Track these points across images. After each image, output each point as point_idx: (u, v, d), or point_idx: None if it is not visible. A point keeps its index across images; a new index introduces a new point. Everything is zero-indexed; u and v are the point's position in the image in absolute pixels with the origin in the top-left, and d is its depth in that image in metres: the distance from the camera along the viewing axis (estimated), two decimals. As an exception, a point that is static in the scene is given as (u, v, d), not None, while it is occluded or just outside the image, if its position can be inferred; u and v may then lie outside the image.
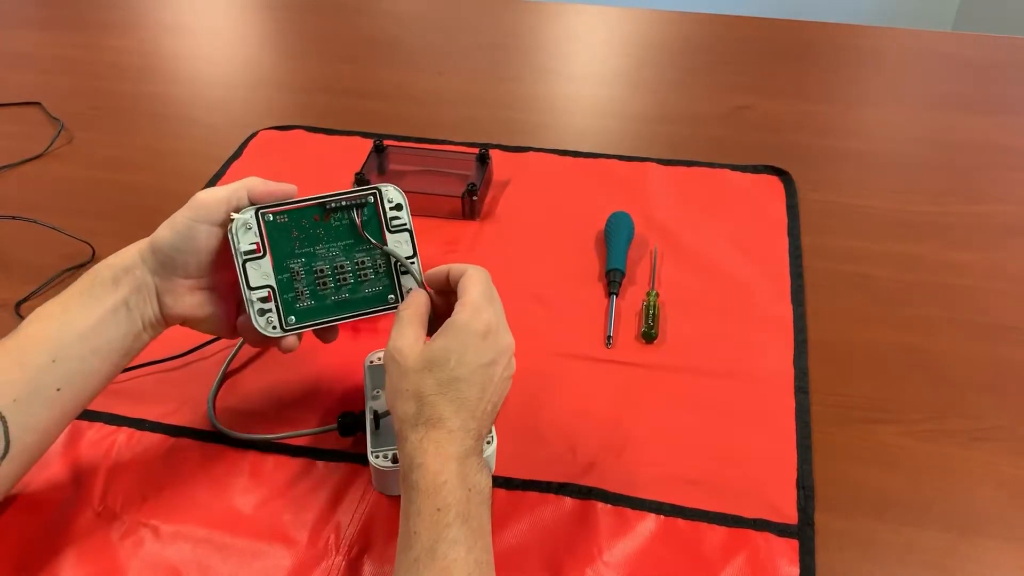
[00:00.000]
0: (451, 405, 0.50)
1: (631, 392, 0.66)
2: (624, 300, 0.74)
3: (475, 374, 0.50)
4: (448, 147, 0.92)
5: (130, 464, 0.62)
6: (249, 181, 0.56)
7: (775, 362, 0.68)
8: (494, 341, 0.51)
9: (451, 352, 0.50)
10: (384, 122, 0.97)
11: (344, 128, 0.96)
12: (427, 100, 1.03)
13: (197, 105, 1.03)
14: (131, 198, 0.87)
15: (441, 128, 0.96)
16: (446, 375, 0.50)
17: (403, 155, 0.89)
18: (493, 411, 0.52)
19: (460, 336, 0.50)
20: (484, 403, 0.51)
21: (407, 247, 0.58)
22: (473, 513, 0.47)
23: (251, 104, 1.03)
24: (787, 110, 0.99)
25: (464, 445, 0.49)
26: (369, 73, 1.08)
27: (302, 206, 0.56)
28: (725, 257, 0.78)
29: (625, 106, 1.01)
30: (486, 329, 0.51)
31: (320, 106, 1.02)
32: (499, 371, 0.52)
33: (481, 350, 0.51)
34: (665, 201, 0.85)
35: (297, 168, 0.89)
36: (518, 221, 0.83)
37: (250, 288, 0.55)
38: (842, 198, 0.85)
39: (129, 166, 0.93)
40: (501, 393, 0.53)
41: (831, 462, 0.61)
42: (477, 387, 0.50)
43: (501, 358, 0.52)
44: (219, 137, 0.96)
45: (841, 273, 0.77)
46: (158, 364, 0.69)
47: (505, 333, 0.53)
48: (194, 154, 0.93)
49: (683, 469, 0.61)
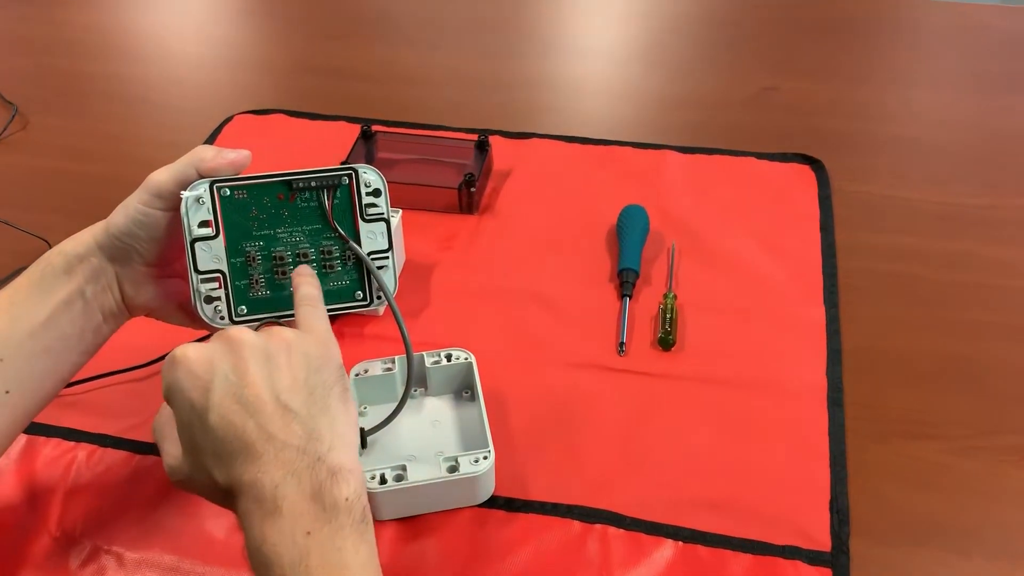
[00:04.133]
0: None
1: (646, 404, 0.66)
2: (638, 303, 0.74)
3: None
4: (443, 133, 0.92)
5: (91, 484, 0.62)
6: (198, 152, 0.55)
7: (806, 372, 0.68)
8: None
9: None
10: (372, 105, 0.97)
11: (328, 112, 0.96)
12: (420, 81, 1.03)
13: (165, 87, 1.03)
14: (91, 190, 0.87)
15: (435, 112, 0.96)
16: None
17: (393, 142, 0.89)
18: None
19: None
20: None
21: (381, 240, 0.57)
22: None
23: (225, 86, 1.03)
24: (819, 91, 0.99)
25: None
26: (355, 51, 1.08)
27: (265, 182, 0.55)
28: (750, 255, 0.78)
29: (640, 87, 1.01)
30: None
31: (301, 88, 1.02)
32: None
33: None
34: (684, 193, 0.85)
35: (276, 156, 0.88)
36: (521, 215, 0.83)
37: (197, 272, 0.55)
38: (880, 189, 0.85)
39: (89, 155, 0.93)
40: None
41: (868, 483, 0.61)
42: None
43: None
44: (190, 123, 0.96)
45: (879, 273, 0.77)
46: (122, 374, 0.69)
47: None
48: (162, 142, 0.93)
49: (704, 490, 0.61)
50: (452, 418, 0.65)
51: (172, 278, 0.58)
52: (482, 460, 0.58)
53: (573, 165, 0.89)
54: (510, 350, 0.71)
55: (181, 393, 0.46)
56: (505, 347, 0.71)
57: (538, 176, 0.87)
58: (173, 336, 0.66)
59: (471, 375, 0.65)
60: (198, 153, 0.55)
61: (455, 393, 0.66)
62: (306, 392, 0.46)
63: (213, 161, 0.54)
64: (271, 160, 0.60)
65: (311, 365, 0.47)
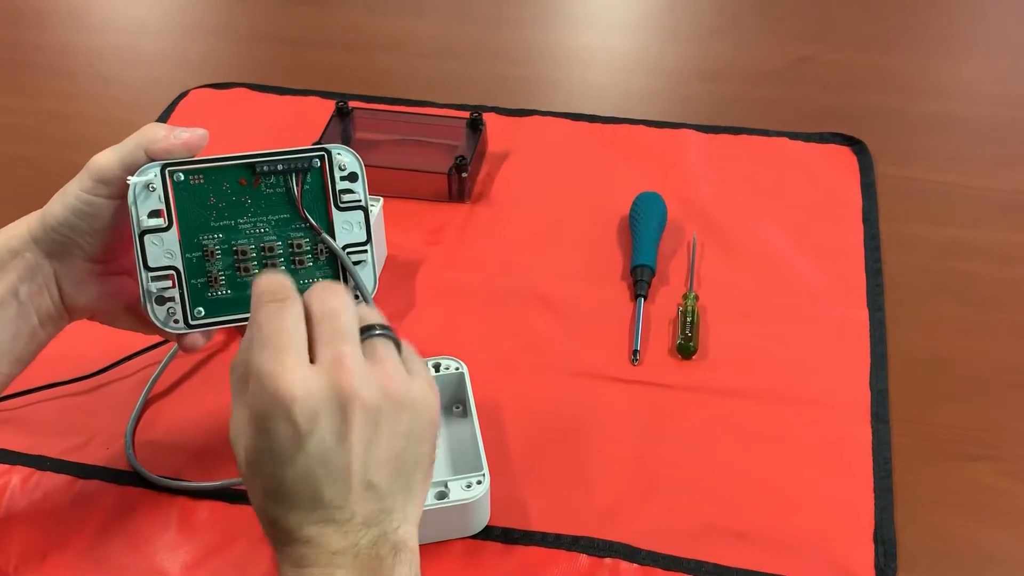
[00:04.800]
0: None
1: (662, 421, 0.66)
2: (654, 305, 0.74)
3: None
4: (430, 110, 0.92)
5: (27, 513, 0.62)
6: (147, 131, 0.54)
7: (846, 383, 0.68)
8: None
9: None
10: (349, 79, 0.97)
11: (298, 86, 0.96)
12: (404, 50, 1.02)
13: (113, 58, 1.03)
14: (29, 174, 0.87)
15: (421, 86, 0.96)
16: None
17: (373, 120, 0.89)
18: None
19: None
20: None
21: (359, 231, 0.57)
22: None
23: (180, 56, 1.03)
24: (860, 63, 0.99)
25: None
26: (329, 16, 1.08)
27: (225, 166, 0.55)
28: (782, 250, 0.78)
29: (656, 59, 1.01)
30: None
31: (267, 58, 1.02)
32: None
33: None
34: (706, 178, 0.85)
35: (238, 137, 0.88)
36: (519, 204, 0.83)
37: (147, 269, 0.55)
38: (931, 175, 0.85)
39: (27, 135, 0.93)
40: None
41: (917, 509, 0.61)
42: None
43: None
44: (140, 98, 0.96)
45: (930, 270, 0.77)
46: (63, 386, 0.68)
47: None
48: (109, 120, 0.93)
49: (729, 518, 0.61)
50: (441, 437, 0.64)
51: (118, 275, 0.58)
52: (475, 485, 0.58)
53: (579, 146, 0.89)
54: (507, 359, 0.70)
55: (268, 431, 0.45)
56: (501, 355, 0.71)
57: (539, 159, 0.87)
58: (119, 342, 0.67)
59: (462, 387, 0.65)
60: (147, 132, 0.54)
61: (444, 408, 0.66)
62: (394, 467, 0.47)
63: (165, 141, 0.54)
64: (233, 142, 0.60)
65: (412, 434, 0.47)
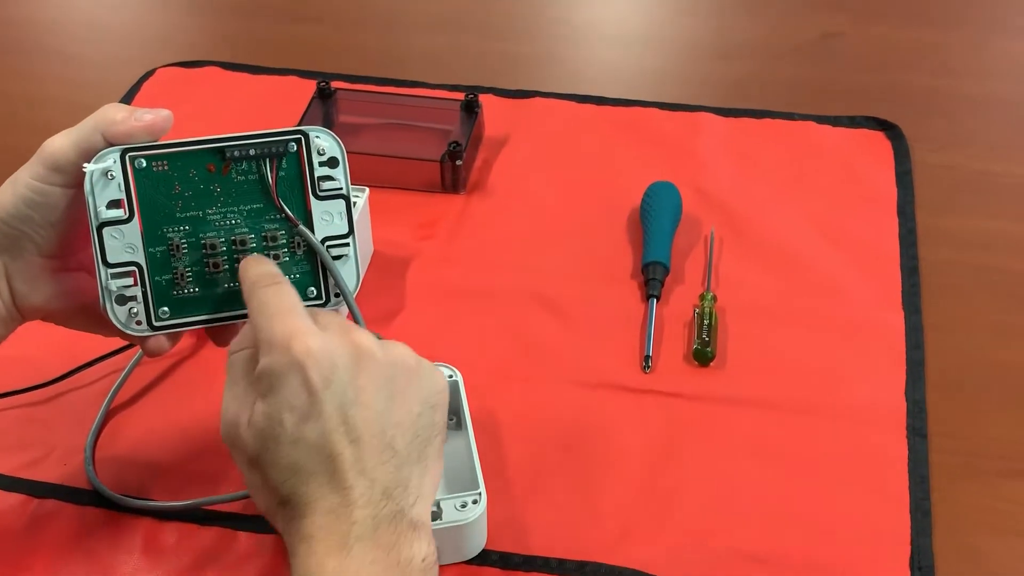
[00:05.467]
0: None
1: (677, 434, 0.67)
2: (668, 306, 0.75)
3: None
4: (421, 91, 0.92)
5: (-23, 535, 0.62)
6: (106, 112, 0.54)
7: (879, 393, 0.69)
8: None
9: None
10: (331, 56, 0.98)
11: (275, 65, 0.97)
12: (391, 24, 1.03)
13: (69, 34, 1.03)
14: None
15: (411, 65, 0.97)
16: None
17: (358, 102, 0.89)
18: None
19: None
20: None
21: (340, 222, 0.58)
22: None
23: (144, 32, 1.03)
24: (896, 38, 0.99)
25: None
26: (310, -13, 1.08)
27: (191, 150, 0.55)
28: (809, 245, 0.78)
29: (670, 34, 1.02)
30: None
31: (241, 34, 1.02)
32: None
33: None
34: (725, 167, 0.85)
35: (209, 121, 0.88)
36: (519, 195, 0.83)
37: (106, 265, 0.55)
38: (974, 162, 0.85)
39: (-27, 119, 0.93)
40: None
41: (957, 533, 0.62)
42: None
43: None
44: (101, 78, 0.96)
45: (972, 267, 0.77)
46: (15, 396, 0.69)
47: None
48: (66, 102, 0.93)
49: (750, 543, 0.61)
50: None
51: (75, 272, 0.58)
52: (471, 505, 0.58)
53: (585, 131, 0.89)
54: (506, 366, 0.71)
55: (286, 387, 0.48)
56: (499, 362, 0.71)
57: (541, 145, 0.88)
58: (78, 347, 0.68)
59: (457, 398, 0.65)
60: (105, 114, 0.54)
61: (437, 420, 0.66)
62: (412, 433, 0.50)
63: (124, 124, 0.54)
64: (203, 126, 0.60)
65: (428, 401, 0.52)
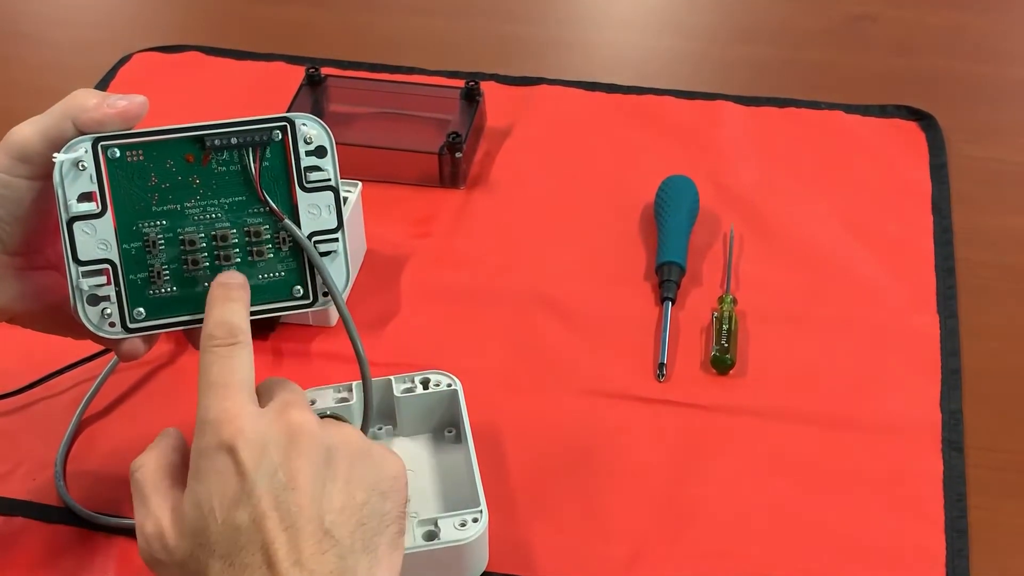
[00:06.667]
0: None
1: (694, 448, 0.67)
2: (684, 310, 0.75)
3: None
4: (418, 78, 0.92)
5: (-62, 556, 0.62)
6: (76, 99, 0.54)
7: (913, 403, 0.68)
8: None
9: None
10: (321, 40, 0.98)
11: (261, 50, 0.97)
12: (385, 6, 1.03)
13: (40, 17, 1.03)
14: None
15: (407, 50, 0.97)
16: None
17: (350, 90, 0.89)
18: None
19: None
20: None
21: (328, 216, 0.57)
22: None
23: (121, 15, 1.03)
24: (932, 21, 0.99)
25: None
26: (299, -33, 1.08)
27: (169, 139, 0.55)
28: (836, 244, 0.78)
29: (687, 16, 1.02)
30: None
31: (224, 16, 1.02)
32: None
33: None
34: (746, 160, 0.85)
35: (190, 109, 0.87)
36: (523, 190, 0.83)
37: (77, 262, 0.54)
38: (1014, 155, 0.85)
39: (-62, 107, 0.93)
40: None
41: (995, 553, 0.61)
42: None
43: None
44: (74, 63, 0.96)
45: (1012, 269, 0.77)
46: (-20, 405, 0.69)
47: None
48: (37, 89, 0.92)
49: (773, 565, 0.61)
50: (430, 466, 0.65)
51: (44, 270, 0.58)
52: (471, 523, 0.58)
53: (595, 122, 0.89)
54: (509, 374, 0.71)
55: (215, 471, 0.47)
56: (502, 370, 0.71)
57: (547, 137, 0.88)
58: (48, 352, 0.68)
59: (456, 408, 0.65)
60: (76, 100, 0.54)
61: (434, 432, 0.66)
62: (356, 521, 0.48)
63: (96, 110, 0.54)
64: (182, 116, 0.59)
65: (376, 488, 0.50)
